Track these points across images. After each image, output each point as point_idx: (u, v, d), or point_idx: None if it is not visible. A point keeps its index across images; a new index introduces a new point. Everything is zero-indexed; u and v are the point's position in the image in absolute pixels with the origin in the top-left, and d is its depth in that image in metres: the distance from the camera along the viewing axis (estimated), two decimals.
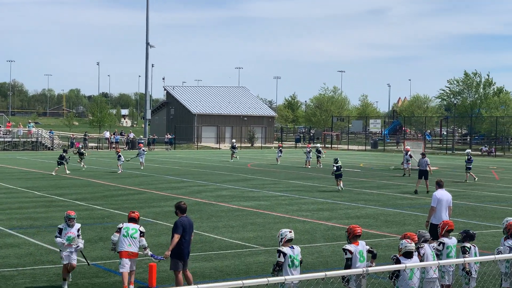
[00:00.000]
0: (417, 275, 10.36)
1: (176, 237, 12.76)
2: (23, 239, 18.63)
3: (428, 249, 11.42)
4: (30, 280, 14.15)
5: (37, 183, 33.90)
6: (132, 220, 13.66)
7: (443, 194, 16.52)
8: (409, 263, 9.84)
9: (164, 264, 14.43)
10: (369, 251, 11.33)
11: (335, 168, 32.80)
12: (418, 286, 10.47)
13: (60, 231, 13.75)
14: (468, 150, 42.21)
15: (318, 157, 49.65)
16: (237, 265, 15.76)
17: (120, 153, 42.68)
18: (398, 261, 10.26)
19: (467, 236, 12.12)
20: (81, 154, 44.49)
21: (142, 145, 47.70)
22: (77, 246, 13.76)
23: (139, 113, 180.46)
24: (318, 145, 55.49)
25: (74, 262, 13.71)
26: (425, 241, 11.60)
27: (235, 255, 16.88)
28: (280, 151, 54.44)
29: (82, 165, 43.29)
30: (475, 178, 38.43)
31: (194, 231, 13.63)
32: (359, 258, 11.03)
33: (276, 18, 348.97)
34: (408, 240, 10.53)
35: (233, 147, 57.33)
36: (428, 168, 33.01)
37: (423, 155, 34.61)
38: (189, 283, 12.95)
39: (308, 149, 50.98)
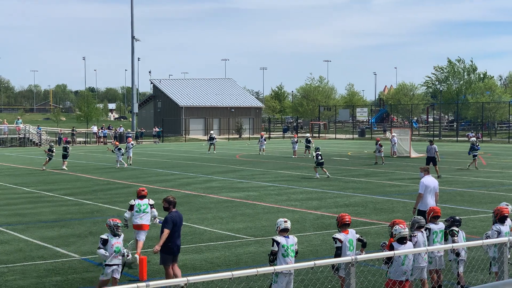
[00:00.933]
0: (410, 258, 10.46)
1: (166, 232, 12.71)
2: (12, 236, 18.58)
3: (420, 237, 11.47)
4: (20, 276, 14.11)
5: (25, 179, 33.79)
6: (141, 197, 15.10)
7: (429, 181, 16.64)
8: (399, 250, 9.93)
9: (155, 257, 14.46)
10: (359, 240, 11.40)
11: (320, 157, 32.97)
12: (411, 271, 10.56)
13: (105, 242, 12.16)
14: (473, 139, 42.35)
15: (307, 147, 49.63)
16: (227, 256, 15.79)
17: (118, 146, 41.84)
18: (392, 247, 10.32)
19: (454, 221, 12.24)
20: (50, 154, 40.04)
21: (130, 139, 47.43)
22: (128, 256, 12.46)
23: (126, 107, 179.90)
24: (308, 134, 55.56)
25: (118, 276, 12.35)
26: (420, 227, 11.64)
27: (225, 246, 16.92)
28: (264, 139, 53.75)
29: (43, 166, 39.65)
30: (468, 166, 38.46)
31: (184, 223, 13.75)
32: (348, 247, 11.09)
33: (261, 9, 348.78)
34: (401, 225, 10.57)
35: (211, 138, 56.30)
36: (436, 155, 34.48)
37: (431, 142, 36.06)
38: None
39: (295, 139, 51.06)
